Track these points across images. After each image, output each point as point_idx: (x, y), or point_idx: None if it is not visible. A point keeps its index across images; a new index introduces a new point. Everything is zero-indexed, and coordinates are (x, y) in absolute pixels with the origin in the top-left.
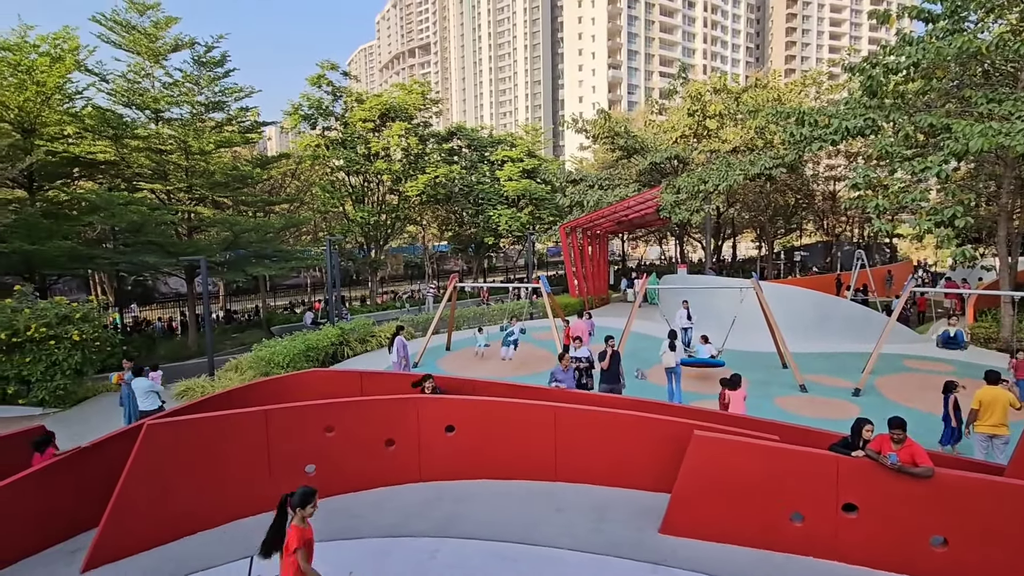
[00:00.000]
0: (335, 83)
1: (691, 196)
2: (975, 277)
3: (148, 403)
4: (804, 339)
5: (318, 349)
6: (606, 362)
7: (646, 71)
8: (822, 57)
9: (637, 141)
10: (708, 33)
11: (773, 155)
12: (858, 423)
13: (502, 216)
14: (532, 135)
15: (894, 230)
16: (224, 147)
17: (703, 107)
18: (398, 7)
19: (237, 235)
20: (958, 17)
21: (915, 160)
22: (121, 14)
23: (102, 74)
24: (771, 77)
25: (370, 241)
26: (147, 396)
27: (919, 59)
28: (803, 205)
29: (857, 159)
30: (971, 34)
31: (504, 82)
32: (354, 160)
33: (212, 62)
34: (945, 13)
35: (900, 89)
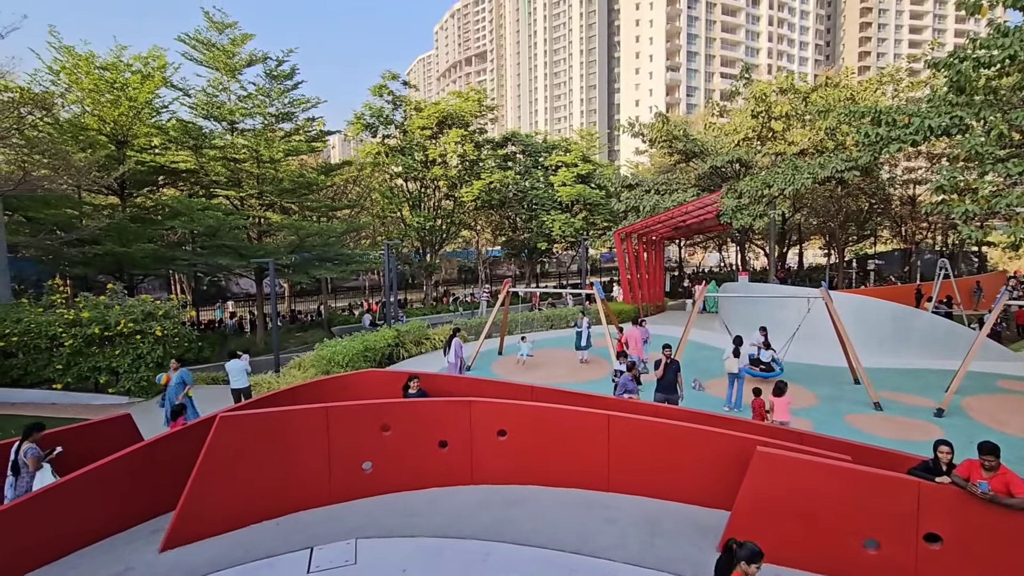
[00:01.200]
0: (395, 92)
1: (754, 201)
2: None
3: (241, 381)
4: (879, 353)
5: (375, 350)
6: (660, 370)
7: (706, 72)
8: (900, 53)
9: (696, 144)
10: (774, 31)
11: (845, 157)
12: (935, 444)
13: (555, 221)
14: (587, 140)
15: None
16: (292, 155)
17: (768, 108)
18: (456, 17)
19: (302, 239)
20: None
21: (1010, 161)
22: (203, 33)
23: (185, 89)
24: (843, 75)
25: (426, 245)
26: (240, 375)
27: (1017, 51)
28: (878, 210)
29: (941, 161)
30: None
31: (559, 87)
32: (412, 166)
33: (282, 75)
34: None
35: (992, 84)
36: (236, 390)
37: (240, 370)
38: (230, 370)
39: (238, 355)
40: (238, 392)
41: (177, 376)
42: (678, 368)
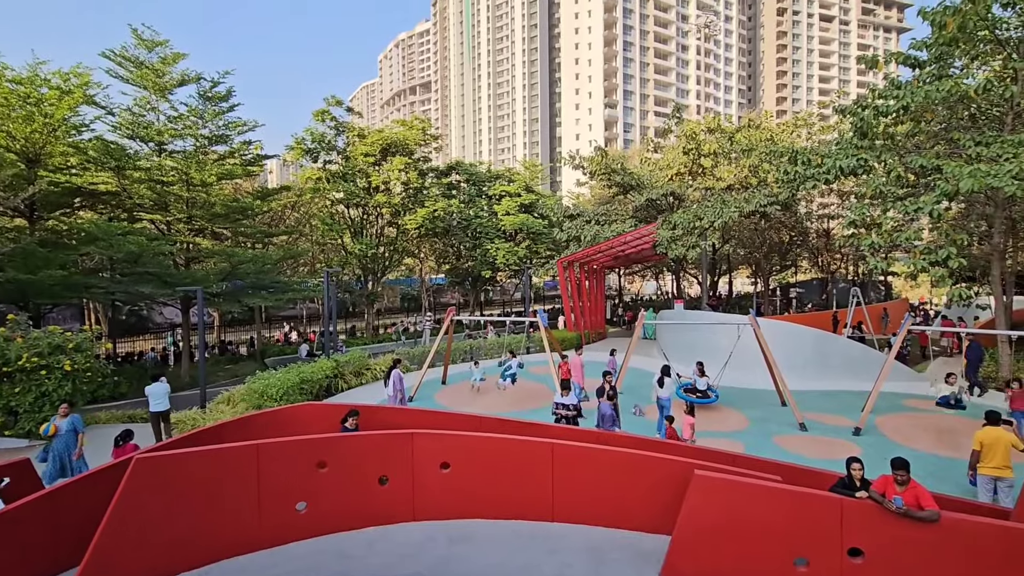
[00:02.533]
0: (338, 118)
1: (687, 232)
2: (971, 316)
3: (163, 404)
4: (803, 377)
5: (312, 382)
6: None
7: (641, 110)
8: (812, 99)
9: (633, 178)
10: (701, 75)
11: (767, 193)
12: (848, 462)
13: (499, 250)
14: (530, 171)
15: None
16: (225, 179)
17: (698, 146)
18: (400, 47)
19: (235, 266)
20: (944, 63)
21: (908, 200)
22: (130, 50)
23: (109, 108)
24: (763, 118)
25: (367, 273)
26: (162, 398)
27: (908, 102)
28: (797, 242)
29: (850, 198)
30: (957, 79)
31: (503, 119)
32: (354, 193)
33: (217, 97)
34: (931, 59)
35: (890, 131)
36: (156, 413)
37: (162, 393)
38: (151, 393)
39: (160, 378)
40: (157, 416)
41: (67, 423)
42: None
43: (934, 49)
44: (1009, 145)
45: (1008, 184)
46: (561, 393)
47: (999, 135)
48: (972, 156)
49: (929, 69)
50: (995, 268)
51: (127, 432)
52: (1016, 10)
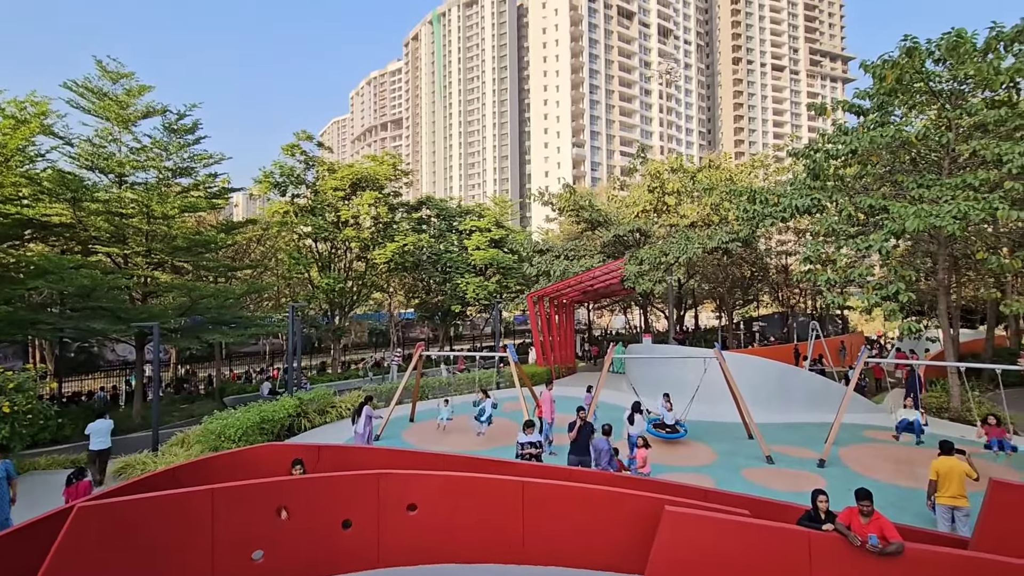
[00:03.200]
0: (308, 152)
1: (653, 267)
2: (922, 348)
3: (104, 442)
4: (768, 409)
5: (273, 421)
6: (574, 433)
7: (608, 150)
8: (767, 142)
9: (601, 214)
10: (664, 118)
11: (728, 230)
12: (813, 495)
13: (469, 284)
14: (500, 206)
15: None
16: (189, 212)
17: (662, 184)
18: (372, 84)
19: (195, 301)
20: (885, 111)
21: (859, 238)
22: (93, 81)
23: (67, 138)
24: (723, 159)
25: (335, 308)
26: (104, 436)
27: (856, 146)
28: (758, 277)
29: (806, 235)
30: (898, 126)
31: (473, 156)
32: (323, 227)
33: (183, 129)
34: (874, 107)
35: (840, 173)
36: (95, 452)
37: (105, 431)
38: (93, 431)
39: (104, 415)
40: (96, 455)
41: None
42: (592, 430)
43: (876, 98)
44: (948, 188)
45: (949, 223)
46: (524, 431)
47: (938, 178)
48: (915, 197)
49: (872, 116)
50: (941, 303)
51: (80, 469)
52: (946, 65)
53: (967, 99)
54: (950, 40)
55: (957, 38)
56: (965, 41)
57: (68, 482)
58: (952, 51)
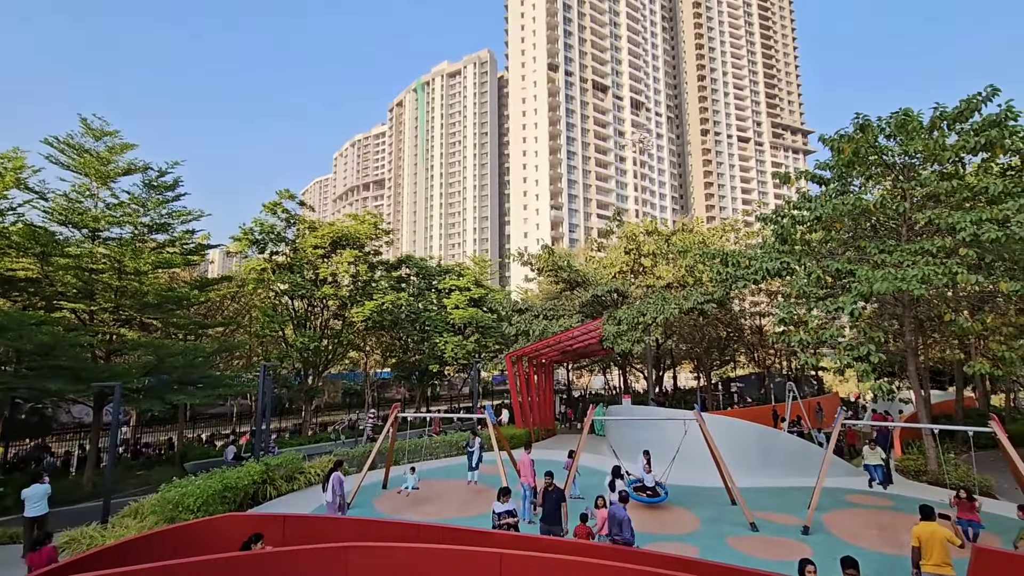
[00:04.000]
0: (290, 211)
1: (631, 327)
2: (896, 409)
3: (40, 508)
4: (748, 472)
5: (237, 489)
6: (540, 499)
7: (585, 212)
8: (737, 207)
9: (579, 275)
10: (638, 183)
11: (703, 291)
12: (801, 565)
13: (448, 343)
14: (480, 266)
15: (818, 363)
16: (163, 268)
17: (638, 246)
18: (356, 146)
19: (161, 359)
20: (845, 181)
21: (828, 300)
22: (76, 138)
23: (42, 192)
24: (695, 223)
25: (308, 367)
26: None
27: (820, 213)
28: (734, 338)
29: (777, 297)
30: (857, 195)
31: (453, 216)
32: (300, 284)
33: (163, 186)
34: (834, 177)
35: (806, 238)
36: (31, 519)
37: (41, 495)
38: (28, 496)
39: (42, 477)
40: (32, 523)
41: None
42: (561, 497)
43: (836, 169)
44: (908, 253)
45: (916, 287)
46: (500, 499)
47: (898, 244)
48: (877, 262)
49: (833, 186)
50: (910, 364)
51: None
52: (897, 140)
53: (919, 172)
54: (899, 118)
55: (905, 116)
56: (912, 119)
57: (31, 548)
58: (901, 128)
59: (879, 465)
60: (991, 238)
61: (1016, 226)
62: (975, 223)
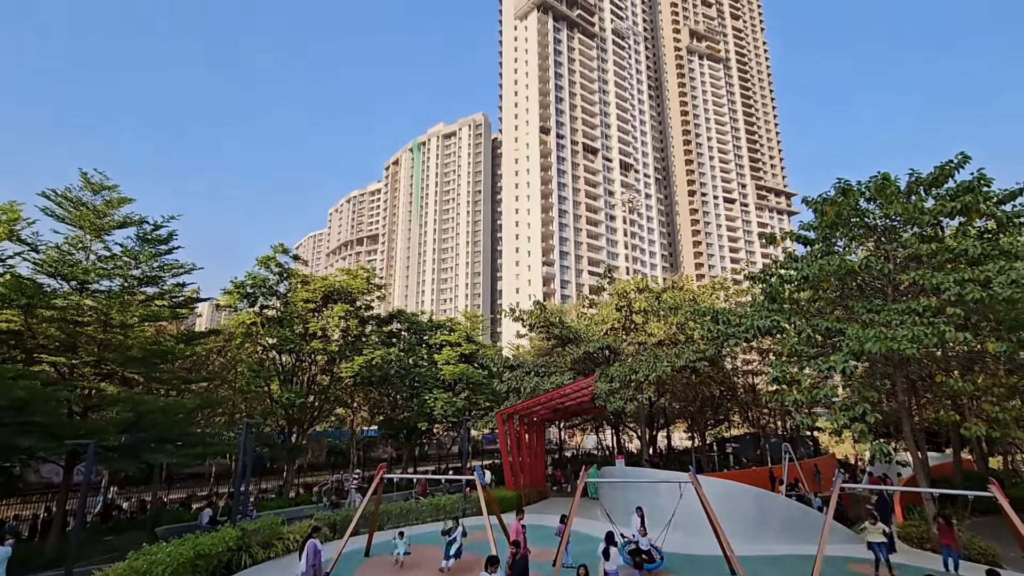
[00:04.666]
0: (283, 265)
1: (624, 385)
2: (894, 472)
3: None
4: (746, 539)
5: (210, 557)
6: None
7: (576, 269)
8: (725, 265)
9: (571, 331)
10: (628, 241)
11: (695, 349)
12: None
13: (438, 400)
14: (471, 321)
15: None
16: (149, 321)
17: (629, 303)
18: (351, 202)
19: (140, 416)
20: (829, 242)
21: (819, 359)
22: (74, 191)
23: (35, 244)
24: (685, 280)
25: (293, 424)
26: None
27: (807, 273)
28: (728, 397)
29: (769, 355)
30: (842, 256)
31: (446, 271)
32: (289, 339)
33: (157, 240)
34: (819, 239)
35: (795, 296)
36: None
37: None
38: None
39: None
40: None
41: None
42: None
43: (820, 231)
44: (895, 313)
45: (906, 347)
46: (488, 569)
47: (884, 304)
48: (866, 322)
49: (818, 246)
50: (905, 425)
51: None
52: (877, 204)
53: (900, 234)
54: (877, 183)
55: (883, 181)
56: (890, 184)
57: None
58: (880, 192)
59: (883, 543)
60: (975, 298)
61: (998, 287)
62: (958, 283)
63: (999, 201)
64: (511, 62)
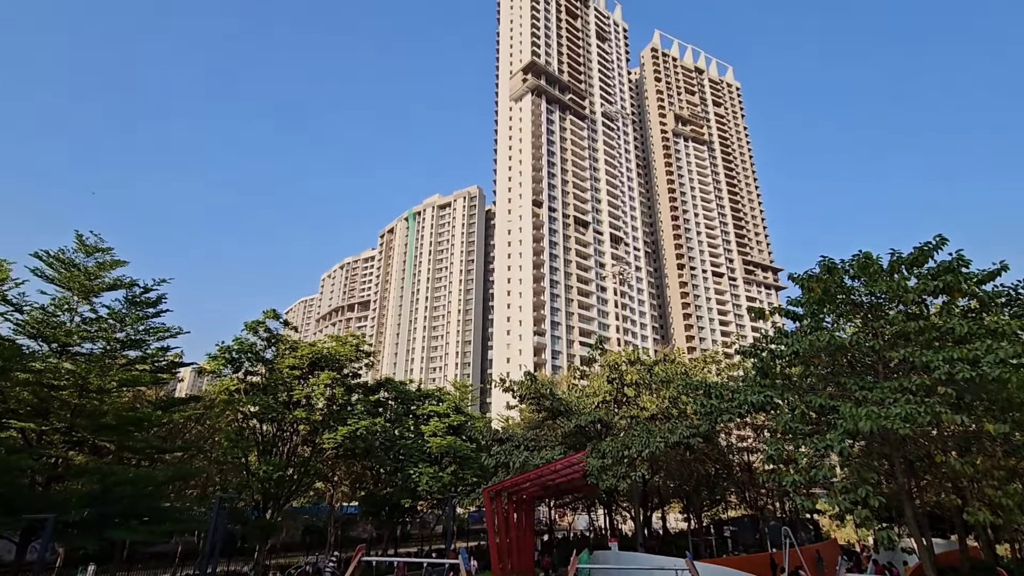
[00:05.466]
0: (272, 330)
1: (616, 462)
2: (900, 560)
3: None
4: None
5: None
6: None
7: (567, 339)
8: (716, 338)
9: (562, 403)
10: (619, 312)
11: (688, 424)
12: None
13: (423, 475)
14: (460, 391)
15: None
16: (128, 386)
17: (620, 375)
18: (345, 269)
19: (108, 488)
20: (817, 318)
21: (815, 437)
22: (67, 253)
23: (19, 305)
24: (676, 353)
25: (269, 499)
26: None
27: (797, 348)
28: (723, 475)
29: (764, 432)
30: (831, 332)
31: (436, 340)
32: (272, 407)
33: (146, 303)
34: (807, 314)
35: (787, 372)
36: None
37: None
38: None
39: None
40: None
41: None
42: None
43: (807, 307)
44: (888, 390)
45: (900, 425)
46: None
47: (876, 381)
48: (859, 399)
49: (807, 322)
50: (907, 509)
51: None
52: (862, 281)
53: (886, 311)
54: (860, 261)
55: (866, 259)
56: (872, 263)
57: None
58: (863, 270)
59: None
60: (965, 377)
61: (987, 366)
62: (947, 361)
63: (979, 281)
64: (506, 139)
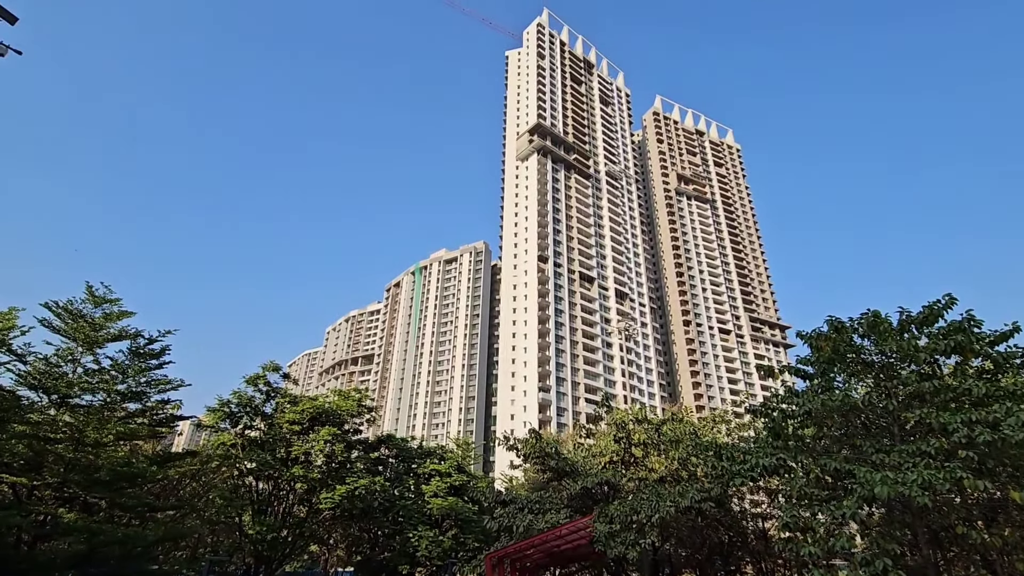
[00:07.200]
0: (273, 384)
1: (625, 527)
2: None
3: None
4: None
5: None
6: None
7: (573, 396)
8: (725, 397)
9: (567, 463)
10: (625, 369)
11: (699, 488)
12: None
13: (423, 539)
14: (463, 449)
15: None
16: (125, 439)
17: (628, 435)
18: (350, 322)
19: (95, 548)
20: (827, 377)
21: (832, 503)
22: (76, 304)
23: (23, 355)
24: (685, 412)
25: (261, 562)
26: None
27: (810, 408)
28: (737, 544)
29: (778, 497)
30: (844, 391)
31: (440, 395)
32: (269, 463)
33: (149, 354)
34: (817, 373)
35: (799, 433)
36: None
37: None
38: None
39: None
40: None
41: None
42: None
43: (817, 365)
44: (906, 455)
45: (918, 494)
46: None
47: (893, 444)
48: (875, 462)
49: (817, 381)
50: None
51: None
52: (871, 340)
53: (898, 371)
54: (868, 320)
55: (874, 318)
56: (882, 321)
57: None
58: (873, 328)
59: None
60: (985, 440)
61: (1008, 429)
62: (966, 424)
63: (992, 342)
64: (512, 197)
